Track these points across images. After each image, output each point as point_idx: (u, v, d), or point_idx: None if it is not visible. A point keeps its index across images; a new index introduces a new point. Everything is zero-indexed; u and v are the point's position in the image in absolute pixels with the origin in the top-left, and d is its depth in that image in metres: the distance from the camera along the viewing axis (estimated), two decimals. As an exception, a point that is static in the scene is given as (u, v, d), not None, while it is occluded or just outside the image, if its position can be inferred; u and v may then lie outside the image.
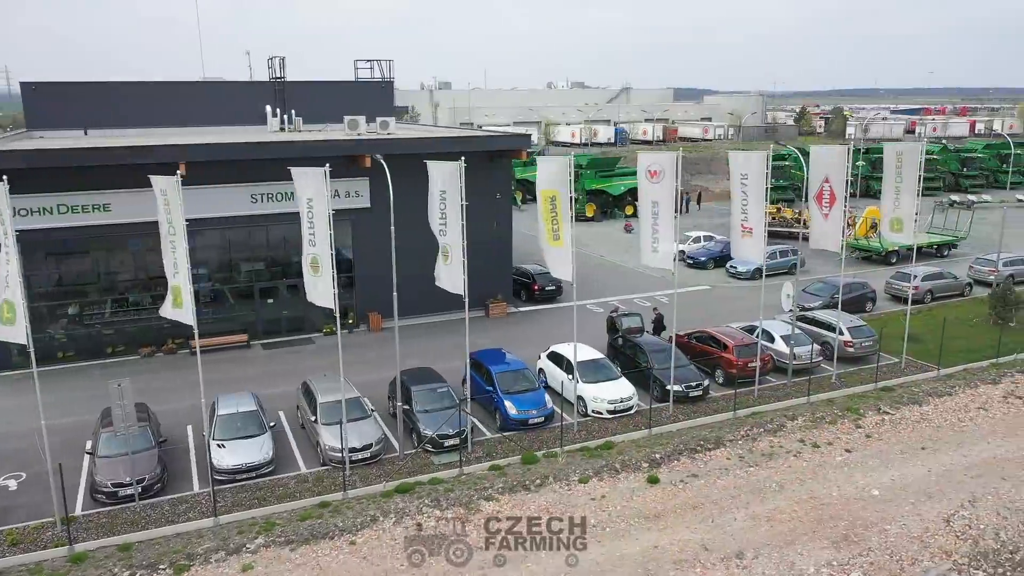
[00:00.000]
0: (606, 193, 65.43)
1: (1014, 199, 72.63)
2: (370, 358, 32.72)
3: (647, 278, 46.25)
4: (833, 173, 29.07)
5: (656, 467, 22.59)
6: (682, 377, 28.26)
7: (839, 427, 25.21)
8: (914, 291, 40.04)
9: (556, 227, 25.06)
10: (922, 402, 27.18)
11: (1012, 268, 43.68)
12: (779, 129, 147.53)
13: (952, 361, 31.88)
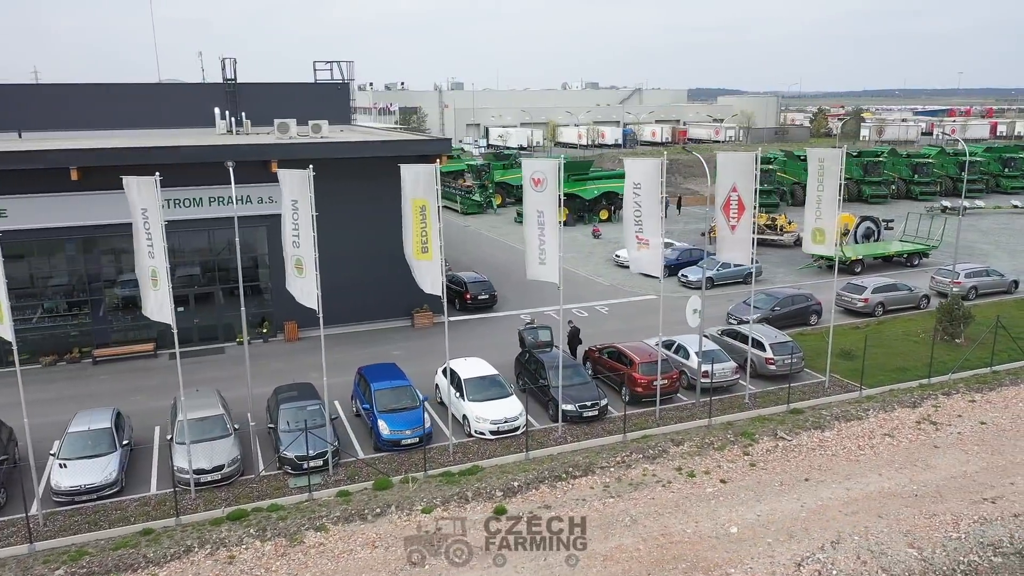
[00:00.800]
0: (579, 197, 63.87)
1: (1010, 205, 69.77)
2: (276, 369, 31.70)
3: (593, 287, 44.80)
4: (741, 181, 27.44)
5: (510, 496, 21.19)
6: (578, 396, 26.81)
7: (725, 454, 23.59)
8: (863, 303, 38.23)
9: (425, 239, 23.73)
10: (826, 427, 25.43)
11: (975, 280, 41.46)
12: (789, 131, 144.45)
13: (881, 381, 30.07)
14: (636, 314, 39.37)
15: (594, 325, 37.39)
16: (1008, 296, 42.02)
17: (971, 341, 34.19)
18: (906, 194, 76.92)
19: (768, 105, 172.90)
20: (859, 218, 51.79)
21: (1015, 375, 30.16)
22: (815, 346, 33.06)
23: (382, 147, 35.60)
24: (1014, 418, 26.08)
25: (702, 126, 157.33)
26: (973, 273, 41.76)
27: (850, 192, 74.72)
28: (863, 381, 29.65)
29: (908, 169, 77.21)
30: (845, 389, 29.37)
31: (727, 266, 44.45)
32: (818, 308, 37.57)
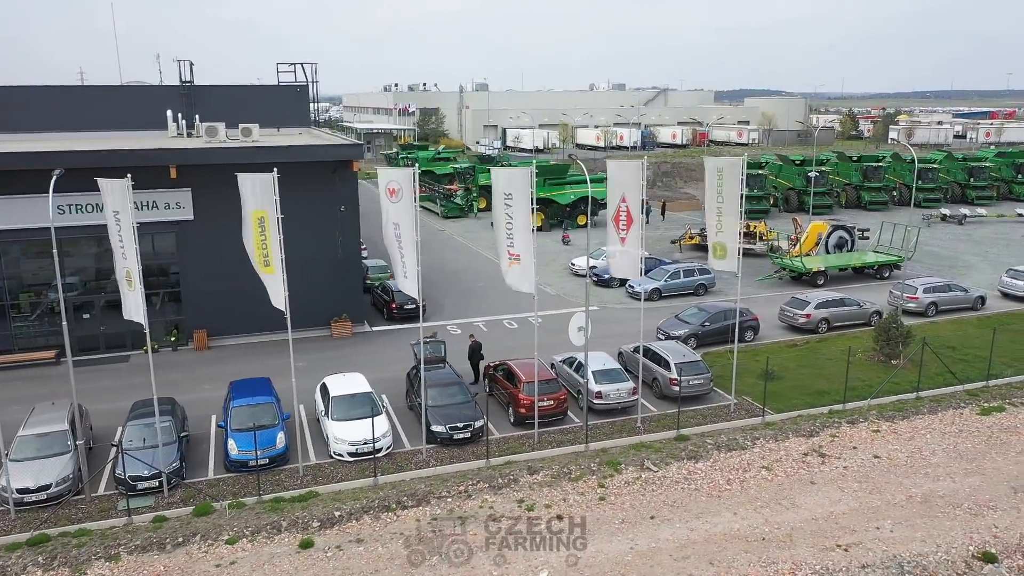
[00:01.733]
0: (555, 202, 62.29)
1: (1014, 214, 66.31)
2: (173, 380, 30.88)
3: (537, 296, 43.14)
4: (630, 191, 25.82)
5: (327, 528, 19.93)
6: (453, 416, 25.46)
7: (578, 485, 22.01)
8: (805, 319, 36.17)
9: (266, 252, 22.58)
10: (702, 457, 23.66)
11: (934, 295, 38.96)
12: (813, 133, 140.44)
13: (793, 405, 28.16)
14: (563, 328, 37.70)
15: (519, 339, 35.90)
16: (972, 313, 39.45)
17: (912, 362, 31.98)
18: (909, 200, 73.65)
19: (795, 106, 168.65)
20: (831, 227, 49.36)
21: (937, 402, 27.96)
22: (743, 365, 31.19)
23: (289, 152, 34.57)
24: (913, 452, 24.00)
25: (725, 128, 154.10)
26: (932, 288, 39.25)
27: (849, 198, 72.05)
28: (773, 405, 27.86)
29: (964, 173, 74.11)
30: (751, 414, 27.50)
31: (676, 276, 42.63)
32: (754, 324, 35.57)
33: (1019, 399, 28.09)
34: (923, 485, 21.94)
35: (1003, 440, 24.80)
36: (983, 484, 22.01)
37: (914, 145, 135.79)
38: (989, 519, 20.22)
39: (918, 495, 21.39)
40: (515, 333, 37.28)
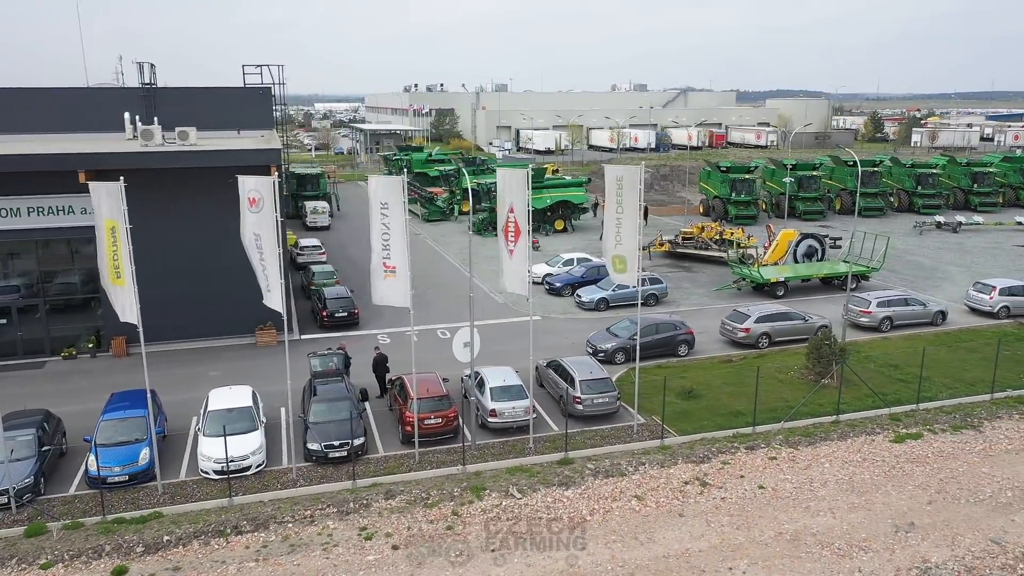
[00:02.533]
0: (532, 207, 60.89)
1: (1013, 222, 63.52)
2: (79, 387, 30.52)
3: (483, 304, 42.01)
4: (517, 201, 24.62)
5: (150, 554, 19.10)
6: (332, 433, 24.50)
7: (431, 513, 20.90)
8: (744, 333, 34.61)
9: (117, 263, 21.81)
10: (574, 484, 22.39)
11: (889, 310, 37.05)
12: (832, 135, 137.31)
13: (703, 427, 26.73)
14: (504, 337, 36.51)
15: (445, 350, 34.75)
16: (931, 329, 37.47)
17: (847, 382, 30.31)
18: (909, 206, 71.21)
19: (817, 108, 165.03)
20: (799, 235, 47.50)
21: (853, 427, 26.31)
22: (662, 382, 29.82)
23: (204, 157, 33.87)
24: (803, 483, 22.46)
25: (743, 130, 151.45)
26: (887, 302, 37.32)
27: (844, 204, 69.77)
28: (681, 426, 26.58)
29: (911, 180, 71.36)
30: (653, 435, 26.11)
31: (625, 286, 41.07)
32: (688, 338, 34.06)
33: (942, 424, 26.34)
34: (799, 520, 20.44)
35: (906, 471, 23.14)
36: (865, 521, 20.45)
37: (937, 148, 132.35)
38: (856, 561, 18.70)
39: (789, 532, 19.91)
40: (445, 344, 36.09)
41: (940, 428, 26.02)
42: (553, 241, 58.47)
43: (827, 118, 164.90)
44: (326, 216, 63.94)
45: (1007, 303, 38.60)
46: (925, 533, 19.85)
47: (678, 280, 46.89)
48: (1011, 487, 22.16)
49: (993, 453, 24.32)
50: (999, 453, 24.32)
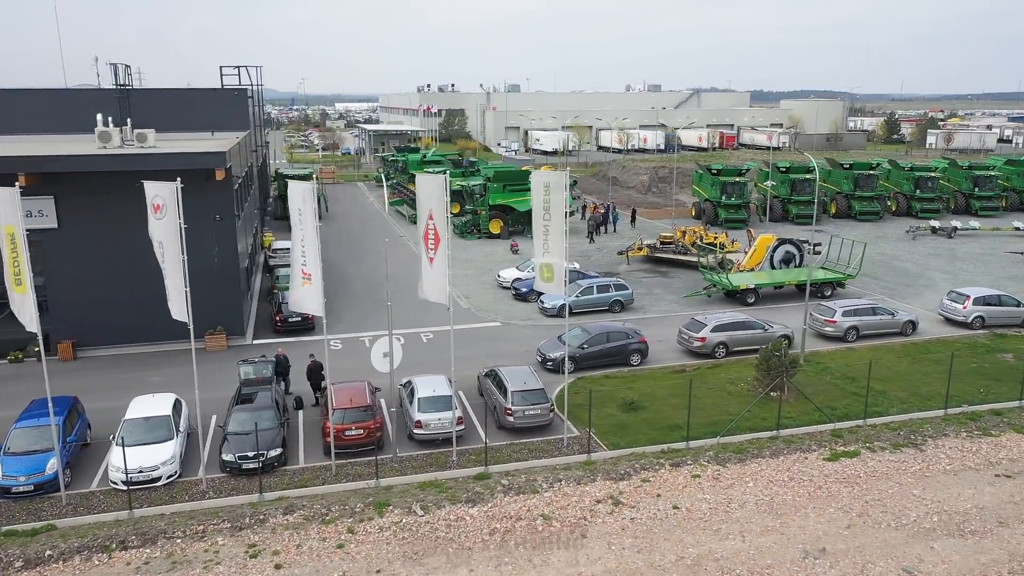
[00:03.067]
0: (513, 210, 60.30)
1: (1010, 227, 61.76)
2: (20, 392, 30.10)
3: (438, 312, 41.30)
4: (436, 208, 23.92)
5: (27, 569, 18.66)
6: (247, 444, 23.95)
7: (326, 530, 20.26)
8: (699, 343, 33.67)
9: (18, 270, 21.39)
10: (483, 500, 21.63)
11: (855, 319, 35.88)
12: (844, 137, 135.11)
13: (636, 441, 25.93)
14: (463, 343, 35.67)
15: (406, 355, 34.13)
16: (899, 339, 36.25)
17: (798, 394, 29.34)
18: (907, 210, 69.58)
19: (832, 109, 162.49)
20: (776, 241, 46.33)
21: (790, 443, 25.33)
22: (611, 393, 29.15)
23: (144, 161, 33.43)
24: (720, 503, 21.56)
25: (755, 131, 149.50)
26: (853, 311, 36.15)
27: (839, 207, 68.34)
28: (615, 440, 25.84)
29: (910, 184, 69.71)
30: (584, 450, 25.31)
31: (589, 292, 40.32)
32: (641, 347, 33.16)
33: (884, 442, 25.27)
34: (705, 544, 19.56)
35: (831, 492, 22.15)
36: (774, 545, 19.52)
37: (953, 150, 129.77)
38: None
39: (691, 556, 19.04)
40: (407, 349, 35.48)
41: (880, 446, 24.97)
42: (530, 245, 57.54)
43: (842, 119, 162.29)
44: (310, 218, 63.45)
45: (981, 313, 37.30)
46: (835, 560, 18.90)
47: (651, 285, 45.99)
48: (938, 511, 21.12)
49: (929, 474, 23.25)
50: (935, 474, 23.25)
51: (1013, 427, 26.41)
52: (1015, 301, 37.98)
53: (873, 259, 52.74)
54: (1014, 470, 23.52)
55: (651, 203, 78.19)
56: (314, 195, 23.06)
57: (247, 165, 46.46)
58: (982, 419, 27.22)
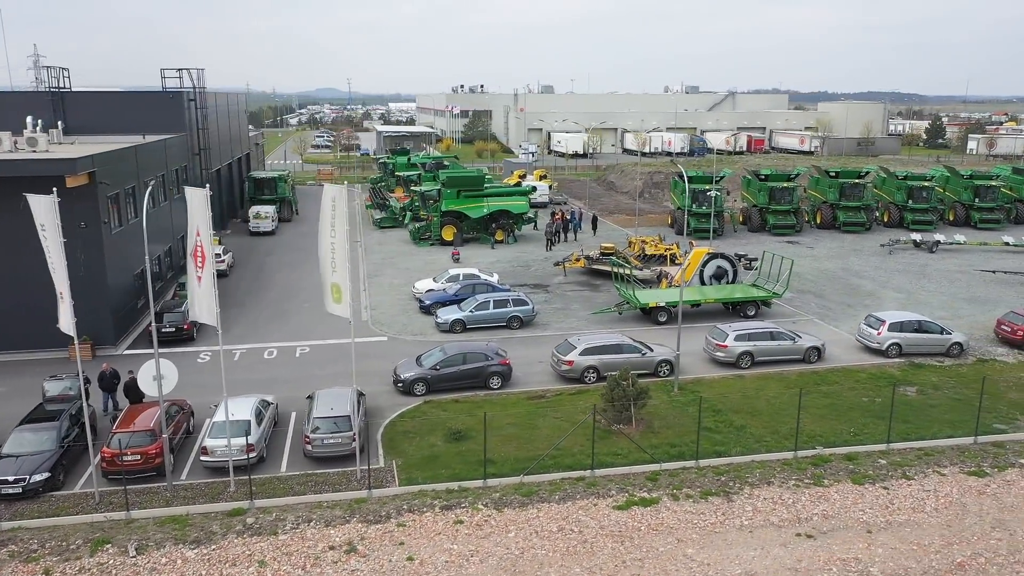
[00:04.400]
0: (467, 216, 58.49)
1: (1000, 242, 57.25)
2: None
3: (334, 324, 39.82)
4: (202, 224, 22.43)
5: None
6: (11, 468, 22.90)
7: (21, 568, 18.93)
8: (567, 367, 31.50)
9: None
10: (209, 540, 20.06)
11: (748, 344, 33.11)
12: (876, 142, 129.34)
13: (437, 476, 24.00)
14: (335, 359, 34.36)
15: (262, 371, 32.93)
16: (799, 367, 33.33)
17: (647, 428, 27.05)
18: (899, 222, 65.45)
19: (872, 112, 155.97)
20: (707, 255, 43.51)
21: (593, 485, 23.05)
22: (448, 420, 27.34)
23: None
24: (459, 558, 19.48)
25: (787, 135, 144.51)
26: (747, 335, 33.35)
27: (824, 218, 64.69)
28: (417, 474, 23.98)
29: (902, 193, 65.51)
30: (380, 484, 23.52)
31: (485, 307, 38.32)
32: (502, 369, 31.09)
33: (696, 489, 22.83)
34: (409, 605, 17.58)
35: (593, 548, 19.87)
36: (484, 611, 17.43)
37: (996, 156, 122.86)
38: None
39: (383, 619, 17.09)
40: (272, 363, 34.27)
41: (688, 493, 22.52)
42: (482, 253, 55.77)
43: (883, 122, 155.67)
44: (269, 221, 62.88)
45: (897, 340, 34.08)
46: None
47: (573, 299, 43.70)
48: None
49: (720, 530, 20.74)
50: (728, 530, 20.74)
51: (854, 476, 23.60)
52: (938, 328, 34.62)
53: (831, 275, 49.48)
54: (822, 528, 20.84)
55: (640, 209, 75.17)
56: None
57: (165, 170, 45.74)
58: (827, 464, 24.49)
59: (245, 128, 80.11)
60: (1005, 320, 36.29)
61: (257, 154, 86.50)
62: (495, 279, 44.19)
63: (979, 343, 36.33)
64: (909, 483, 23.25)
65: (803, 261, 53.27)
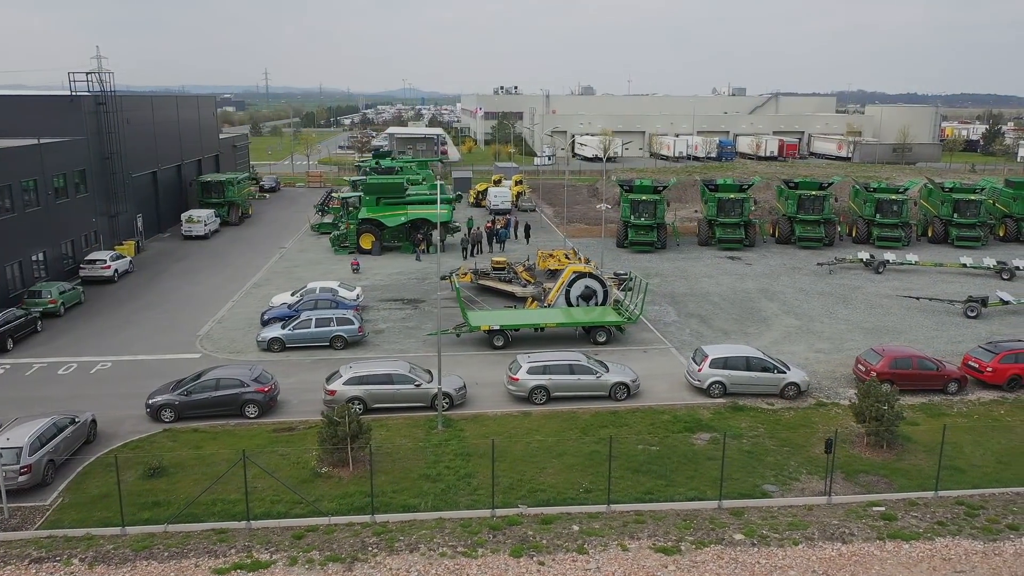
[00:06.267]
0: (384, 225, 56.40)
1: (957, 263, 51.59)
2: None
3: (162, 338, 38.31)
4: None
5: None
6: None
7: None
8: (329, 395, 29.14)
9: None
10: None
11: (546, 378, 29.90)
12: (913, 148, 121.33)
13: (88, 520, 21.99)
14: (127, 377, 32.88)
15: (39, 389, 31.57)
16: (603, 404, 29.99)
17: (364, 471, 24.49)
18: (867, 237, 60.23)
19: (919, 115, 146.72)
20: (574, 274, 40.17)
21: (223, 543, 20.58)
22: (168, 452, 25.42)
23: None
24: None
25: (826, 139, 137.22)
26: (543, 368, 30.12)
27: (781, 231, 60.08)
28: (83, 515, 22.03)
29: (871, 207, 60.19)
30: (17, 527, 21.70)
31: (306, 324, 36.15)
32: (257, 397, 28.87)
33: (326, 551, 20.11)
34: None
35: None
36: None
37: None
38: None
39: None
40: (61, 381, 32.86)
41: (312, 558, 19.83)
42: (397, 263, 53.53)
43: (932, 127, 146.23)
44: (202, 226, 62.15)
45: (720, 378, 30.32)
46: None
47: (425, 319, 40.91)
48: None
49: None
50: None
51: (517, 547, 20.46)
52: (771, 365, 30.64)
53: (741, 296, 45.38)
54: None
55: (610, 218, 71.41)
56: None
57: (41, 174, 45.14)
58: (510, 528, 21.42)
59: (212, 130, 79.98)
60: (863, 358, 32.00)
61: (234, 156, 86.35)
62: (353, 294, 41.90)
63: (835, 383, 32.16)
64: (576, 558, 19.98)
65: (723, 280, 49.30)
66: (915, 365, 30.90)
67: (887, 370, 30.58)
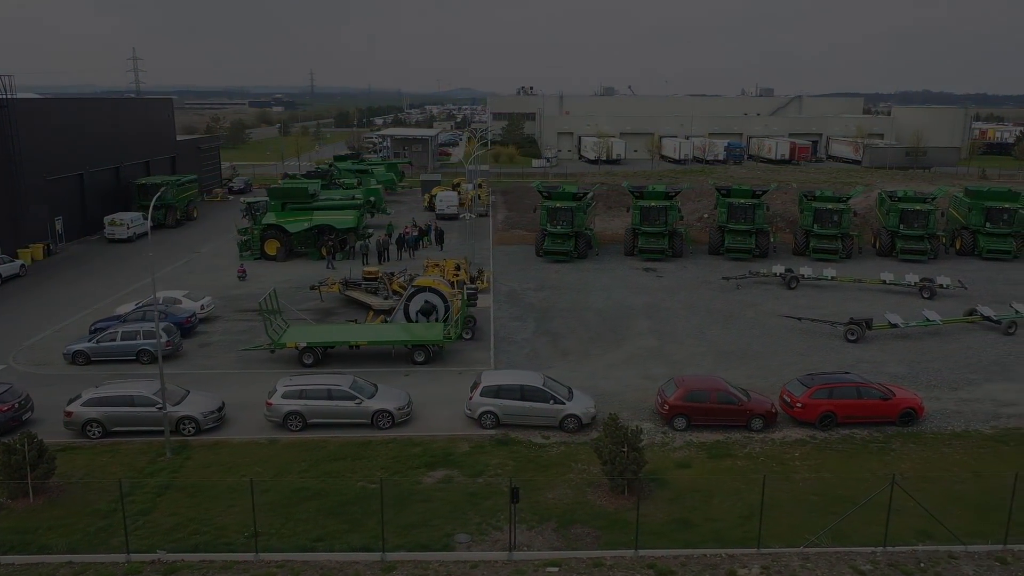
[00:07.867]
0: (286, 231, 54.95)
1: (877, 279, 47.52)
2: None
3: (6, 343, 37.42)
4: None
5: None
6: None
7: None
8: (66, 417, 27.61)
9: None
10: None
11: (301, 403, 27.77)
12: (928, 153, 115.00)
13: None
14: None
15: None
16: (361, 432, 27.81)
17: (49, 502, 22.89)
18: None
19: (952, 118, 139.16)
20: (413, 288, 37.92)
21: None
22: None
23: None
24: None
25: (843, 142, 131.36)
26: (299, 392, 28.00)
27: (712, 241, 56.68)
28: None
29: (808, 217, 56.24)
30: None
31: (112, 337, 34.81)
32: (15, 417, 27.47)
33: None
34: None
35: None
36: None
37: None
38: None
39: None
40: None
41: None
42: (298, 268, 51.99)
43: (963, 129, 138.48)
44: (125, 228, 61.68)
45: (492, 408, 27.84)
46: None
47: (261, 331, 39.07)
48: None
49: None
50: None
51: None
52: (548, 395, 27.93)
53: (617, 312, 42.48)
54: None
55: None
56: None
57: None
58: None
59: (167, 132, 79.87)
60: (662, 389, 29.05)
61: (197, 159, 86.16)
62: (199, 304, 40.45)
63: (636, 414, 29.19)
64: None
65: (617, 293, 46.34)
66: (713, 398, 27.81)
67: (680, 403, 27.65)
